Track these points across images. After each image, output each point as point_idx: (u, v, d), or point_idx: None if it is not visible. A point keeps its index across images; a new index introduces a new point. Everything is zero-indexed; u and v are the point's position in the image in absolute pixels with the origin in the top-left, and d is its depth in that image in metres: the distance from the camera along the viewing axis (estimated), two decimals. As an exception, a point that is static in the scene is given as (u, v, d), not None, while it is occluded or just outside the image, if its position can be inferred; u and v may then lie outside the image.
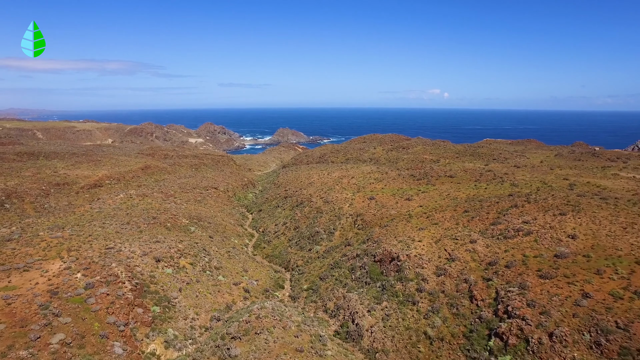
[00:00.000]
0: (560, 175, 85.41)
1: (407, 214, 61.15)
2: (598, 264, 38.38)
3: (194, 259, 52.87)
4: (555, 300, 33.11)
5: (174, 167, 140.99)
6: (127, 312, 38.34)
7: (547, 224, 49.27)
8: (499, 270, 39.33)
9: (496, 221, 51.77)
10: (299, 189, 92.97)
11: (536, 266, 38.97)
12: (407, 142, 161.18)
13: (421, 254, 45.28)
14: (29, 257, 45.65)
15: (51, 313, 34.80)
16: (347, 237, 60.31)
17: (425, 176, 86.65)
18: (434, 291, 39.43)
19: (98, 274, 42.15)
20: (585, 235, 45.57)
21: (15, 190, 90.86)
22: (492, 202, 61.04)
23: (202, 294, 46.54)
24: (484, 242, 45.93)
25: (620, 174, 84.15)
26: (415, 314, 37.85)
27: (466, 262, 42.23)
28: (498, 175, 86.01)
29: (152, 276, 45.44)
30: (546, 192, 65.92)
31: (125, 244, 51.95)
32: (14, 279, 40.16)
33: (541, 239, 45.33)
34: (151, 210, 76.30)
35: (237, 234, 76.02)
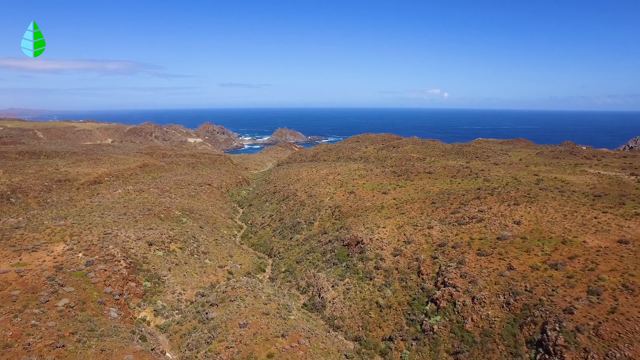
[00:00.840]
0: (532, 171, 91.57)
1: (380, 205, 67.55)
2: (530, 244, 44.70)
3: (184, 245, 59.44)
4: (484, 272, 39.47)
5: (171, 165, 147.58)
6: (122, 285, 44.88)
7: (499, 212, 55.60)
8: (446, 250, 45.69)
9: (456, 210, 58.14)
10: (286, 184, 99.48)
11: (478, 246, 45.31)
12: (398, 141, 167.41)
13: (382, 238, 51.70)
14: (36, 241, 52.27)
15: (57, 283, 41.32)
16: (324, 227, 66.76)
17: (406, 172, 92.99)
18: (389, 268, 45.82)
19: (97, 254, 48.74)
20: (529, 221, 51.90)
21: (19, 185, 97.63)
22: (458, 195, 67.41)
23: (189, 274, 53.06)
24: (440, 227, 52.30)
25: (588, 170, 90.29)
26: (371, 287, 44.27)
27: (420, 244, 48.61)
28: (474, 171, 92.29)
29: (144, 257, 52.01)
30: (512, 186, 72.22)
31: (121, 230, 58.57)
32: (24, 258, 46.74)
33: (490, 225, 51.66)
34: (147, 203, 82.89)
35: (226, 225, 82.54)
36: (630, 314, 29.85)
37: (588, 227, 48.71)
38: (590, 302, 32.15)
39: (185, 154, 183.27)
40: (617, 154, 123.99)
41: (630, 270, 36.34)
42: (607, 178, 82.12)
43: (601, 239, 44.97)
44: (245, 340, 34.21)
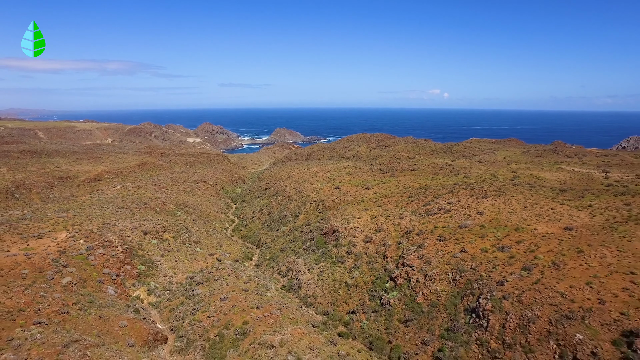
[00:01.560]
0: (512, 169, 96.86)
1: (360, 199, 73.11)
2: (486, 231, 50.15)
3: (176, 234, 65.11)
4: (439, 254, 44.99)
5: (169, 164, 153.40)
6: (119, 267, 50.54)
7: (466, 204, 61.09)
8: (411, 237, 51.21)
9: (427, 203, 63.66)
10: (277, 181, 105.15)
11: (439, 233, 50.79)
12: (391, 140, 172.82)
13: (356, 227, 57.26)
14: (41, 229, 58.02)
15: (61, 265, 47.00)
16: (308, 219, 72.31)
17: (391, 170, 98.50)
18: (359, 253, 51.38)
19: (96, 241, 54.43)
20: (491, 212, 57.36)
21: (23, 182, 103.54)
22: (434, 190, 72.92)
23: (181, 260, 58.70)
24: (410, 218, 57.80)
25: (564, 168, 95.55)
26: (341, 269, 49.82)
27: (389, 232, 54.13)
28: (456, 169, 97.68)
29: (140, 244, 57.68)
30: (488, 182, 77.53)
31: (119, 221, 64.28)
32: (31, 243, 52.47)
33: (455, 215, 57.11)
34: (144, 198, 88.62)
35: (219, 219, 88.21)
36: (549, 284, 35.32)
37: (542, 217, 54.17)
38: (520, 277, 37.62)
39: (183, 153, 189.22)
40: (598, 152, 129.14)
41: (564, 251, 41.80)
42: (579, 175, 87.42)
43: (550, 227, 50.44)
44: (225, 310, 39.81)
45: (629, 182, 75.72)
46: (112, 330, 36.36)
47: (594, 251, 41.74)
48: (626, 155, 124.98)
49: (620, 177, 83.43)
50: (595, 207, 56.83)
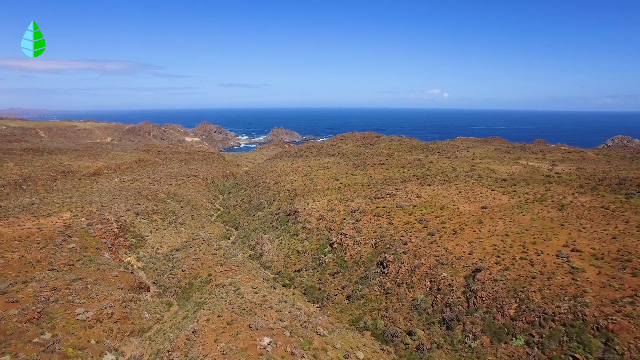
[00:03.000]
0: (473, 163, 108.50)
1: (326, 188, 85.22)
2: (416, 210, 62.09)
3: (164, 217, 77.49)
4: (370, 226, 57.04)
5: (165, 161, 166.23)
6: (114, 239, 62.91)
7: (410, 190, 73.08)
8: (355, 214, 63.25)
9: (379, 190, 75.66)
10: (261, 175, 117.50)
11: (377, 211, 62.80)
12: (377, 139, 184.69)
13: (313, 208, 69.42)
14: (49, 210, 70.54)
15: (66, 235, 59.38)
16: (280, 205, 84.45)
17: (363, 164, 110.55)
18: (312, 228, 63.48)
19: (95, 219, 66.84)
20: (429, 196, 69.32)
21: (29, 175, 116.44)
22: (392, 180, 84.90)
23: (166, 237, 71.04)
24: (359, 201, 69.87)
25: (520, 162, 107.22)
26: (296, 241, 61.96)
27: (339, 212, 66.23)
28: (423, 163, 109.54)
29: (132, 223, 70.07)
30: (443, 174, 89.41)
31: (115, 205, 76.73)
32: (42, 220, 64.92)
33: (398, 199, 69.08)
34: (138, 188, 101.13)
35: (205, 207, 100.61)
36: (441, 243, 47.34)
37: (469, 199, 66.15)
38: (423, 239, 49.61)
39: (180, 151, 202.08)
40: (565, 150, 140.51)
41: (468, 222, 53.75)
42: (530, 167, 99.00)
43: (471, 206, 62.38)
44: (195, 267, 52.05)
45: (566, 174, 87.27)
46: (106, 277, 48.66)
47: (491, 222, 53.73)
48: (590, 152, 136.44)
49: (563, 170, 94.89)
50: (518, 192, 68.89)
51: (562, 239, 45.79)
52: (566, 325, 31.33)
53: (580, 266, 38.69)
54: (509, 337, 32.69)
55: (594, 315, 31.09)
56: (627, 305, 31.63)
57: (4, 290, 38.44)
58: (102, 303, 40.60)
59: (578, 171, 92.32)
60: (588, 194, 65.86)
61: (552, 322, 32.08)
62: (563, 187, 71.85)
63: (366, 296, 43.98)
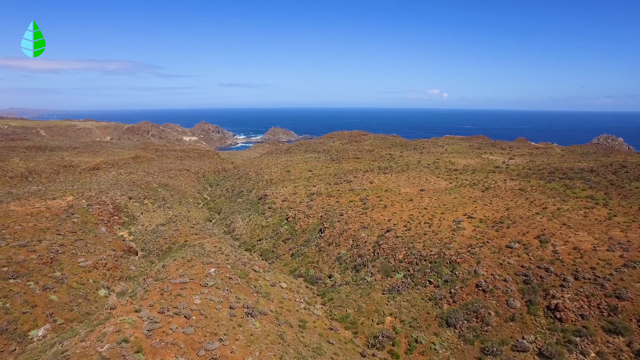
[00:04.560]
0: (440, 157, 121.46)
1: (298, 177, 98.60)
2: (363, 192, 75.20)
3: (154, 201, 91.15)
4: (321, 204, 70.32)
5: (161, 157, 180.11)
6: (109, 217, 76.54)
7: (366, 178, 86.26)
8: (313, 197, 76.58)
9: (341, 178, 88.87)
10: (246, 168, 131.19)
11: (331, 193, 75.99)
12: (364, 136, 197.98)
13: (280, 193, 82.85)
14: (55, 195, 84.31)
15: (70, 212, 73.04)
16: (258, 192, 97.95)
17: (338, 158, 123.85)
18: (276, 208, 76.87)
19: (94, 201, 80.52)
20: (380, 182, 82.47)
21: (34, 169, 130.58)
22: (358, 170, 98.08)
23: (155, 217, 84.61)
24: (320, 186, 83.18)
25: (482, 156, 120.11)
26: (262, 218, 75.40)
27: (300, 195, 79.58)
28: (393, 157, 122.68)
29: (125, 205, 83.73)
30: (405, 165, 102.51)
31: (111, 191, 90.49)
32: (49, 202, 78.66)
33: (352, 184, 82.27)
34: (133, 180, 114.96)
35: (193, 196, 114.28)
36: (370, 214, 60.52)
37: (414, 184, 79.29)
38: (357, 212, 62.80)
39: (176, 149, 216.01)
40: (533, 146, 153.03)
41: (400, 200, 66.83)
42: (488, 160, 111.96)
43: (411, 189, 75.51)
44: (174, 236, 65.57)
45: (514, 165, 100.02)
46: (102, 242, 62.26)
47: (419, 200, 66.88)
48: (557, 148, 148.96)
49: (516, 162, 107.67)
50: (459, 179, 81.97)
51: (467, 210, 58.88)
52: (431, 262, 44.52)
53: (464, 227, 51.85)
54: (394, 273, 45.85)
55: (451, 255, 44.25)
56: (476, 248, 44.79)
57: (25, 244, 52.11)
58: (99, 256, 54.20)
59: (528, 163, 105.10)
60: (517, 179, 78.88)
61: (424, 261, 45.27)
62: (501, 175, 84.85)
63: (305, 254, 57.31)
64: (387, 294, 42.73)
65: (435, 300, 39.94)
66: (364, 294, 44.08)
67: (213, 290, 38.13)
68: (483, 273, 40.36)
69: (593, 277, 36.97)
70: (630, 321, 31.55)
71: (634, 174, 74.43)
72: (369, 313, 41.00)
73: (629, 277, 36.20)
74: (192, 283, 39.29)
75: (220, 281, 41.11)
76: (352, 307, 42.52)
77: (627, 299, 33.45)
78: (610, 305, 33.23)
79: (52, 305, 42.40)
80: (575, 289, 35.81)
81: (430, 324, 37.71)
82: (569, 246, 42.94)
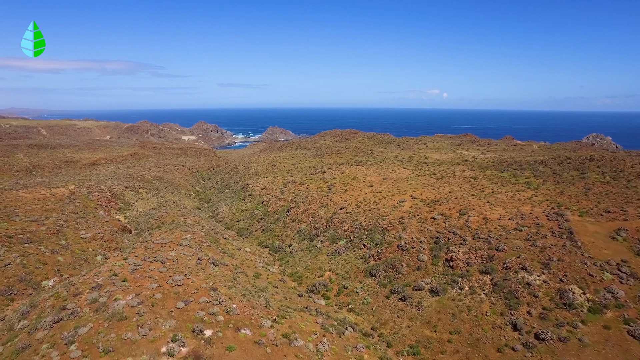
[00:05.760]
0: (417, 153, 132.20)
1: (281, 170, 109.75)
2: (332, 180, 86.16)
3: (148, 191, 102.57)
4: (292, 190, 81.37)
5: (158, 155, 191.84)
6: (107, 202, 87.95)
7: (339, 169, 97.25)
8: (288, 185, 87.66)
9: (317, 169, 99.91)
10: (237, 163, 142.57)
11: (303, 181, 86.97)
12: (354, 135, 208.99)
13: (260, 182, 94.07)
14: (58, 184, 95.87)
15: (72, 198, 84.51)
16: (243, 183, 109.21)
17: (322, 154, 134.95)
18: (255, 195, 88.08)
19: (94, 189, 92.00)
20: (350, 172, 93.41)
21: (38, 164, 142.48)
22: (336, 164, 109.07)
23: (149, 204, 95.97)
24: (296, 176, 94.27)
25: (457, 152, 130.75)
26: (242, 203, 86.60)
27: (277, 184, 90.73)
28: (374, 153, 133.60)
29: (122, 193, 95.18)
30: (381, 159, 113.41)
31: (109, 182, 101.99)
32: (53, 190, 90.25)
33: (326, 175, 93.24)
34: (130, 173, 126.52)
35: (186, 188, 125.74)
36: (331, 197, 71.47)
37: (380, 174, 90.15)
38: (321, 195, 73.73)
39: (173, 147, 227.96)
40: (511, 143, 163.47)
41: (361, 187, 77.69)
42: (460, 155, 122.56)
43: (376, 178, 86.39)
44: (164, 217, 76.84)
45: (481, 159, 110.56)
46: (101, 221, 73.60)
47: (378, 186, 77.76)
48: (534, 145, 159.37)
49: (485, 157, 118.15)
50: (423, 170, 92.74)
51: (415, 193, 69.71)
52: (368, 231, 55.51)
53: (405, 205, 62.71)
54: (339, 240, 56.87)
55: (384, 224, 55.20)
56: (406, 219, 55.71)
57: (35, 220, 63.52)
58: (97, 231, 65.54)
59: (496, 157, 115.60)
60: (475, 170, 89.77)
61: (363, 230, 56.25)
62: (463, 167, 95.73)
63: (273, 229, 68.46)
64: (330, 256, 53.79)
65: (365, 258, 50.95)
66: (313, 257, 55.18)
67: (187, 248, 49.33)
68: (405, 237, 51.30)
69: (486, 237, 47.83)
70: (498, 265, 42.38)
71: (574, 164, 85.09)
72: (313, 270, 52.06)
73: (513, 236, 47.04)
74: (171, 243, 50.50)
75: (193, 243, 52.31)
76: (302, 266, 53.63)
77: (502, 250, 44.28)
78: (489, 255, 44.08)
79: (59, 264, 53.72)
80: (469, 246, 46.69)
81: (357, 275, 48.69)
82: (480, 217, 53.81)
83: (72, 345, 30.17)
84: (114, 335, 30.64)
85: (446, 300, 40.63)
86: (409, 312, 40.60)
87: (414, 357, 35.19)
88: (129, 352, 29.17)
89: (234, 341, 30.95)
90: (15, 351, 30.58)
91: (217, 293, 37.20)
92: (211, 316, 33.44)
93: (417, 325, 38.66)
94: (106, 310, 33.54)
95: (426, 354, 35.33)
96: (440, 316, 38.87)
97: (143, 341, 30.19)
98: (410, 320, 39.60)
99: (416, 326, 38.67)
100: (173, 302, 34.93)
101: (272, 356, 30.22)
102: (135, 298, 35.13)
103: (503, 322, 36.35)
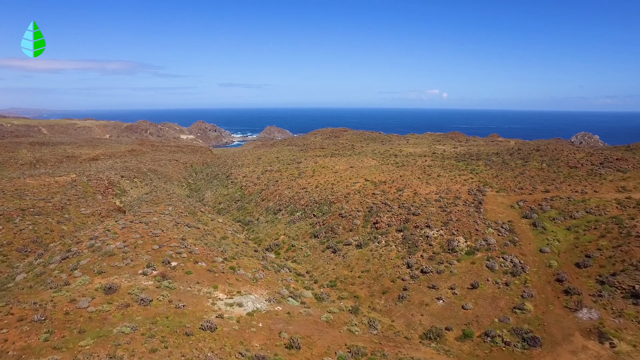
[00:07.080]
0: (396, 148, 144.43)
1: (264, 162, 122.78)
2: (305, 168, 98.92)
3: (142, 180, 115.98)
4: (268, 176, 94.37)
5: (155, 151, 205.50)
6: (105, 189, 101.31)
7: (314, 160, 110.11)
8: (265, 173, 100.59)
9: (295, 160, 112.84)
10: (227, 158, 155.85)
11: (280, 170, 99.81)
12: (343, 132, 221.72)
13: (242, 171, 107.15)
14: (61, 174, 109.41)
15: (73, 185, 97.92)
16: (228, 173, 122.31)
17: (306, 149, 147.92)
18: (237, 182, 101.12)
19: (93, 178, 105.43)
20: (323, 162, 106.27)
21: (40, 158, 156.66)
22: (314, 156, 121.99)
23: (142, 192, 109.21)
24: (275, 166, 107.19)
25: (431, 147, 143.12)
26: (225, 189, 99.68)
27: (256, 172, 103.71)
28: (354, 147, 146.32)
29: (118, 182, 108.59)
30: (357, 152, 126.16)
31: (106, 172, 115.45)
32: (56, 178, 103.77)
33: (301, 165, 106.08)
34: (126, 166, 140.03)
35: (178, 180, 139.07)
36: (298, 181, 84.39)
37: (349, 163, 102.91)
38: (290, 179, 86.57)
39: (171, 145, 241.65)
40: (490, 140, 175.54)
41: (327, 173, 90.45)
42: (433, 150, 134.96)
43: (344, 166, 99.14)
44: (154, 199, 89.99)
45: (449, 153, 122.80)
46: (99, 202, 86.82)
47: (342, 172, 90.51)
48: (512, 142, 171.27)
49: (455, 151, 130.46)
50: (389, 160, 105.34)
51: (371, 177, 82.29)
52: (319, 204, 68.29)
53: (357, 185, 75.37)
54: (296, 212, 69.69)
55: (332, 199, 67.99)
56: (351, 195, 68.41)
57: (43, 198, 76.88)
58: (95, 208, 78.78)
59: (463, 151, 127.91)
60: (436, 160, 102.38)
61: (316, 204, 69.07)
62: (427, 158, 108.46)
63: (245, 208, 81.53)
64: (287, 225, 66.70)
65: (313, 225, 63.82)
66: (273, 226, 68.16)
67: (167, 216, 62.45)
68: (347, 207, 64.08)
69: (409, 206, 60.49)
70: (411, 225, 54.98)
71: (522, 155, 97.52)
72: (271, 235, 65.00)
73: (430, 205, 59.68)
74: (154, 213, 63.63)
75: (174, 212, 65.43)
76: (263, 233, 66.65)
77: (418, 215, 56.92)
78: (407, 218, 56.74)
79: (63, 231, 66.98)
80: (394, 212, 59.38)
81: (305, 237, 61.54)
82: (411, 192, 66.48)
83: (75, 270, 43.17)
84: (105, 264, 43.62)
85: (366, 251, 53.34)
86: (336, 260, 53.36)
87: (332, 288, 47.88)
88: (115, 273, 42.09)
89: (192, 268, 43.88)
90: (35, 275, 43.65)
91: (185, 242, 50.22)
92: (177, 255, 46.42)
93: (340, 268, 51.40)
94: (100, 251, 46.60)
95: (340, 286, 48.03)
96: (358, 262, 51.57)
97: (126, 267, 43.15)
98: (336, 265, 52.35)
99: (339, 269, 51.41)
100: (150, 245, 47.93)
101: (219, 279, 43.03)
102: (123, 244, 48.17)
103: (401, 263, 49.00)
